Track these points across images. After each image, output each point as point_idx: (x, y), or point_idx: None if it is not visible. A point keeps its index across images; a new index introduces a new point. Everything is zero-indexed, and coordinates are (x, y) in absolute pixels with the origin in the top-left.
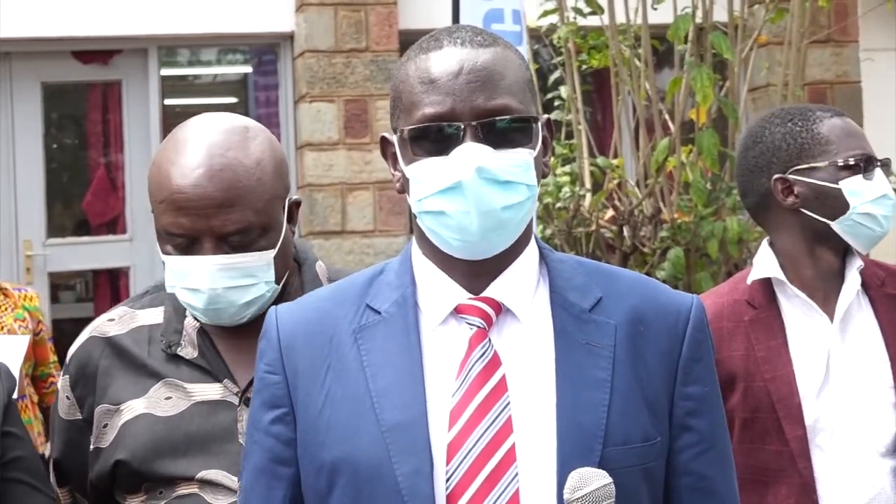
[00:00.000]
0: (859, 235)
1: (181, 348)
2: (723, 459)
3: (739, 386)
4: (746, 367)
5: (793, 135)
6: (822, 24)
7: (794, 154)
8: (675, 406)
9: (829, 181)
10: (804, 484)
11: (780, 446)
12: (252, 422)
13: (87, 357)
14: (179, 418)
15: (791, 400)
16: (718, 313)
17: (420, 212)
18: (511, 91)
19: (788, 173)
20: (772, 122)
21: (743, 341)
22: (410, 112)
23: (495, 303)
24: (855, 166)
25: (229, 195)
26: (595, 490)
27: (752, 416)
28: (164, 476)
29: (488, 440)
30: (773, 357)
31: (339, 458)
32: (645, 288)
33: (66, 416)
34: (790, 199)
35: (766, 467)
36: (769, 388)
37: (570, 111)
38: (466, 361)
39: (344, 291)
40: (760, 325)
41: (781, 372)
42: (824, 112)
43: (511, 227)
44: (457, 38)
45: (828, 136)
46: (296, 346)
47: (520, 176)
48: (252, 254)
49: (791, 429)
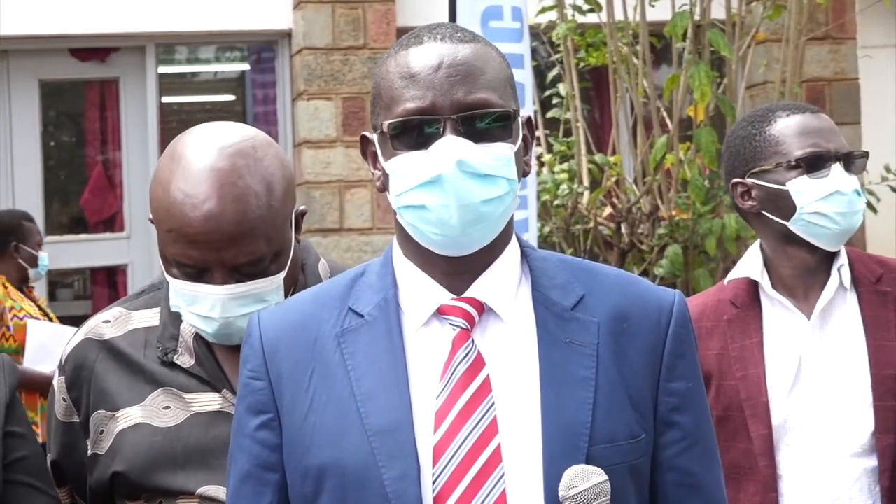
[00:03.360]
0: (817, 235)
1: (178, 356)
2: (708, 455)
3: (713, 385)
4: (720, 367)
5: (749, 138)
6: (819, 21)
7: (749, 157)
8: (660, 402)
9: (778, 182)
10: (765, 482)
11: (747, 444)
12: (237, 428)
13: (82, 359)
14: (178, 430)
15: (758, 399)
16: (701, 312)
17: (400, 206)
18: (491, 86)
19: (746, 177)
20: (738, 127)
21: (719, 340)
22: (391, 107)
23: (478, 303)
24: (798, 166)
25: (242, 228)
26: (590, 487)
27: (724, 414)
28: (162, 489)
29: (474, 441)
30: (746, 356)
31: (326, 462)
32: (627, 285)
33: (63, 419)
34: (748, 203)
35: (737, 464)
36: (739, 386)
37: (569, 108)
38: (450, 363)
39: (326, 294)
40: (738, 325)
41: (752, 371)
42: (784, 110)
43: (491, 221)
44: (437, 33)
45: (778, 137)
46: (279, 351)
47: (500, 170)
48: (264, 280)
49: (756, 428)
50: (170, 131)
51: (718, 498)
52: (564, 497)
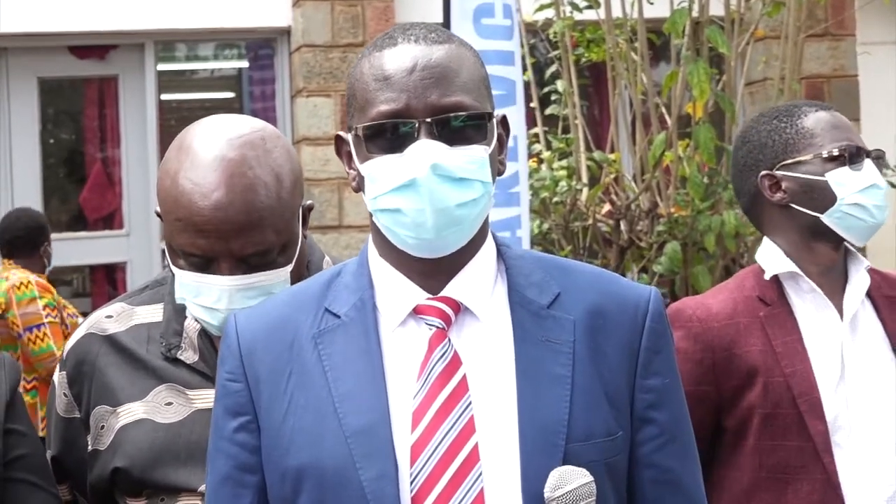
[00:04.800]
0: (852, 227)
1: (181, 351)
2: (685, 451)
3: (759, 381)
4: (765, 362)
5: (778, 131)
6: (819, 17)
7: (779, 150)
8: (636, 399)
9: (815, 174)
10: (828, 480)
11: (801, 442)
12: (215, 430)
13: (84, 354)
14: (180, 426)
15: (812, 394)
16: (733, 309)
17: (375, 210)
18: (466, 88)
19: (775, 169)
20: (759, 121)
21: (760, 336)
22: (365, 110)
23: (454, 302)
24: (840, 157)
25: (251, 218)
26: (576, 488)
27: (773, 411)
28: (164, 485)
29: (451, 441)
30: (790, 352)
31: (304, 464)
32: (603, 282)
33: (64, 414)
34: (778, 195)
35: (786, 464)
36: (789, 382)
37: (567, 105)
38: (427, 363)
39: (302, 295)
40: (775, 321)
41: (800, 367)
42: (810, 107)
43: (466, 224)
44: (411, 35)
45: (812, 130)
46: (256, 353)
47: (475, 173)
48: (271, 272)
49: (814, 423)
50: (169, 128)
51: (696, 494)
52: (550, 499)
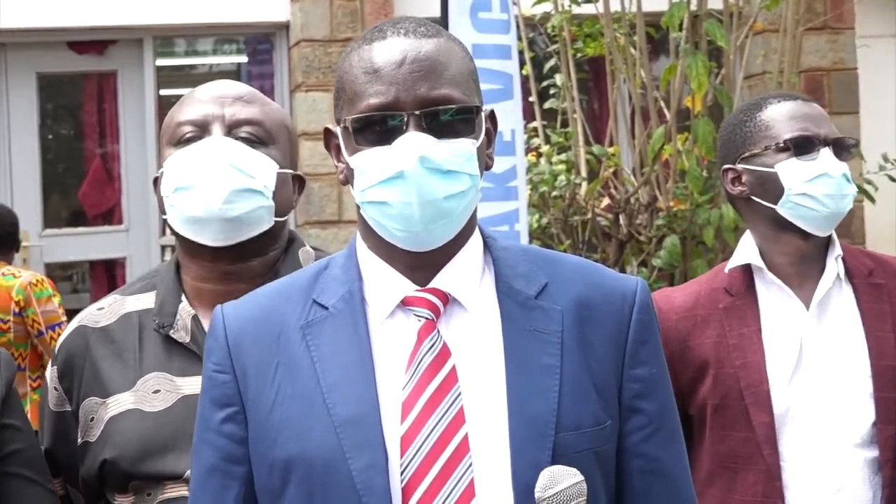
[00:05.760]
0: (806, 217)
1: (174, 331)
2: (673, 440)
3: (710, 373)
4: (717, 354)
5: (741, 124)
6: (817, 11)
7: (740, 143)
8: (624, 389)
9: (767, 165)
10: (769, 471)
11: (747, 433)
12: (202, 421)
13: (74, 348)
14: (168, 413)
15: (760, 387)
16: (694, 301)
17: (363, 202)
18: (454, 81)
19: (737, 163)
20: (731, 116)
21: (716, 328)
22: (354, 102)
23: (442, 293)
24: (787, 148)
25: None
26: (566, 488)
27: (722, 402)
28: (151, 475)
29: (441, 431)
30: (744, 344)
31: (293, 455)
32: (590, 273)
33: (56, 408)
34: (738, 189)
35: (734, 454)
36: (738, 374)
37: (566, 99)
38: (416, 354)
39: (290, 287)
40: (735, 313)
41: (752, 359)
42: (776, 98)
43: (454, 217)
44: (400, 28)
45: (768, 122)
46: (243, 344)
47: (462, 166)
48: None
49: (758, 416)
50: None
51: (683, 484)
52: (541, 499)
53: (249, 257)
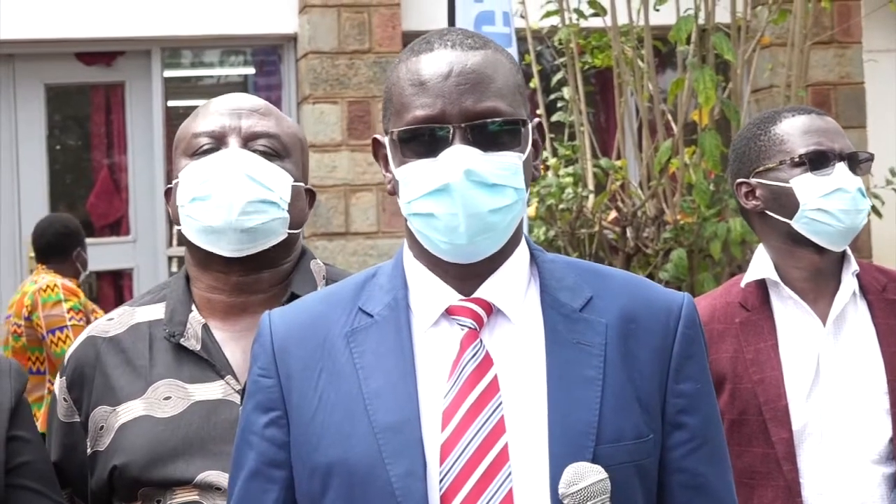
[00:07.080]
0: (820, 232)
1: (185, 339)
2: (716, 456)
3: (727, 387)
4: (734, 369)
5: (754, 138)
6: (825, 25)
7: (754, 157)
8: (668, 403)
9: (781, 180)
10: (789, 487)
11: (765, 449)
12: (245, 425)
13: (84, 358)
14: (179, 419)
15: (778, 402)
16: (710, 315)
17: (409, 214)
18: (501, 94)
19: (750, 177)
20: (744, 129)
21: (732, 343)
22: (401, 114)
23: (486, 304)
24: (802, 163)
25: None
26: (591, 485)
27: (740, 417)
28: (162, 481)
29: (481, 440)
30: (762, 359)
31: (333, 460)
32: (636, 287)
33: (65, 419)
34: (752, 203)
35: (752, 470)
36: (756, 390)
37: (573, 112)
38: (458, 362)
39: (336, 295)
40: (751, 327)
41: (770, 374)
42: (790, 112)
43: (499, 230)
44: (447, 40)
45: (782, 136)
46: (289, 350)
47: (508, 179)
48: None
49: (776, 431)
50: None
51: (727, 499)
52: (564, 494)
53: (262, 269)
